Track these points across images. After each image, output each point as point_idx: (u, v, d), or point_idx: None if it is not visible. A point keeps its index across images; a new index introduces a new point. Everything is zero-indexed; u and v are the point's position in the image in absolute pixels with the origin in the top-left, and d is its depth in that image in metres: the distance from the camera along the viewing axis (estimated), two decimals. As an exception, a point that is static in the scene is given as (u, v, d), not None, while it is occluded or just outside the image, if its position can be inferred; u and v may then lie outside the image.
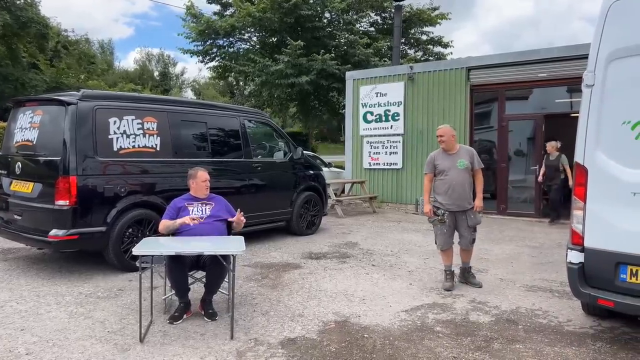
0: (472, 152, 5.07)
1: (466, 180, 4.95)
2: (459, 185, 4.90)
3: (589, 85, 3.63)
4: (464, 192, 4.92)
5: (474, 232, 5.05)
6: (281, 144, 8.02)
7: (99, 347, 3.45)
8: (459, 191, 4.90)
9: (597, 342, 3.67)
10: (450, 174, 4.93)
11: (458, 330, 3.89)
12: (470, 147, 5.22)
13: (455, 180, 4.91)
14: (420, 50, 24.23)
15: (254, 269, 5.71)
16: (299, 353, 3.41)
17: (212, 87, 49.42)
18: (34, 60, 25.29)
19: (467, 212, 4.94)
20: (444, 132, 5.00)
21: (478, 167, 5.01)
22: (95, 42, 46.74)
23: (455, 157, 4.97)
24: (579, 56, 8.91)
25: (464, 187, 4.92)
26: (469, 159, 4.96)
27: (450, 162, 4.97)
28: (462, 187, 4.91)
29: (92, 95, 5.50)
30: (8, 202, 5.62)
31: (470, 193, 4.97)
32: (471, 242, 5.05)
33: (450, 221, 4.98)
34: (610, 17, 3.52)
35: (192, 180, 4.41)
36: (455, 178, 4.91)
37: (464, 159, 4.95)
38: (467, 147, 5.22)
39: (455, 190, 4.90)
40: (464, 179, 4.93)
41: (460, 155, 4.99)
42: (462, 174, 4.92)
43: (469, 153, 5.04)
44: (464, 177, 4.94)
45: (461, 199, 4.92)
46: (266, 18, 17.96)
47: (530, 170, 10.36)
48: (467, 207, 4.94)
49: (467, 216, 4.95)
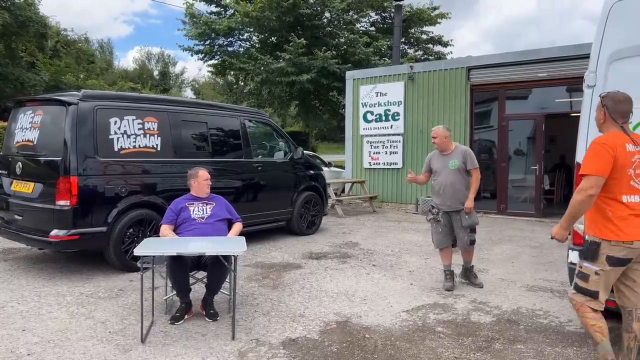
0: (466, 152, 5.02)
1: (457, 180, 4.96)
2: (449, 186, 4.94)
3: (590, 85, 3.63)
4: (454, 192, 4.93)
5: (471, 233, 4.98)
6: (281, 143, 8.02)
7: (100, 347, 3.45)
8: (449, 191, 4.94)
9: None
10: (442, 174, 5.00)
11: (459, 330, 3.89)
12: (465, 147, 5.16)
13: (446, 181, 4.96)
14: (420, 49, 24.22)
15: (255, 269, 5.72)
16: (300, 353, 3.41)
17: (212, 87, 49.40)
18: (32, 60, 25.27)
19: (461, 213, 4.94)
20: (437, 133, 5.05)
21: (471, 167, 4.97)
22: (95, 42, 46.78)
23: (448, 158, 5.02)
24: (579, 56, 8.92)
25: (454, 188, 4.94)
26: (461, 159, 4.96)
27: (443, 162, 5.04)
28: (453, 187, 4.94)
29: (92, 95, 5.49)
30: (9, 202, 5.62)
31: (463, 193, 4.95)
32: (468, 244, 4.99)
33: (445, 221, 5.02)
34: (611, 18, 3.53)
35: (193, 179, 4.41)
36: (446, 178, 4.97)
37: (456, 159, 4.97)
38: (463, 147, 5.16)
39: (446, 190, 4.95)
40: (455, 179, 4.95)
41: (453, 156, 5.01)
42: (452, 174, 4.96)
43: (462, 153, 5.01)
44: (455, 177, 4.96)
45: (452, 200, 4.94)
46: (264, 17, 17.92)
47: (530, 170, 10.37)
48: (459, 207, 4.93)
49: (461, 217, 4.94)
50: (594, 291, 2.89)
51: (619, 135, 2.85)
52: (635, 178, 2.82)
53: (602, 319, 2.92)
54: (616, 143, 2.80)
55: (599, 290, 2.88)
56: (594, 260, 2.88)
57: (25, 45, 24.62)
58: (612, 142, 2.80)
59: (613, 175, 2.80)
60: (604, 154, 2.78)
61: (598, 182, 2.78)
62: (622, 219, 2.81)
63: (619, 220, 2.81)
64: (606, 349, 2.91)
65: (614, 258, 2.82)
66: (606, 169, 2.77)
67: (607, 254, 2.83)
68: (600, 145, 2.81)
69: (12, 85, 21.61)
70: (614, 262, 2.83)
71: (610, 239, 2.82)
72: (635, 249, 2.79)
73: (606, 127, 2.96)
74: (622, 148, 2.80)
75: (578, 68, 8.75)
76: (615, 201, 2.83)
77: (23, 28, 21.39)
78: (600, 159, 2.78)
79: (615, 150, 2.78)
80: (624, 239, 2.79)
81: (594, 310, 2.90)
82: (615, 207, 2.83)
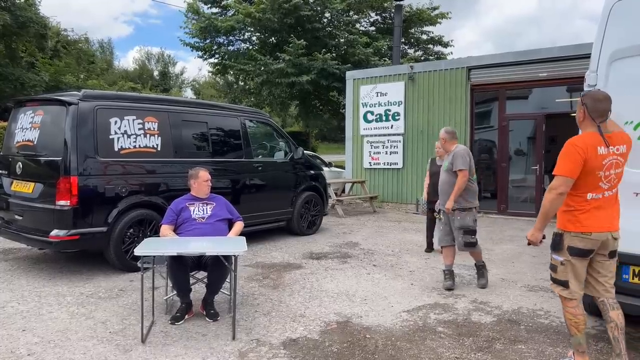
0: (455, 154, 4.99)
1: (447, 180, 5.05)
2: (440, 185, 5.19)
3: (591, 85, 3.62)
4: (443, 192, 5.11)
5: (465, 235, 4.92)
6: (282, 143, 8.02)
7: (100, 347, 3.45)
8: (440, 190, 5.17)
9: (599, 343, 3.67)
10: (441, 173, 5.24)
11: (460, 330, 3.89)
12: (458, 149, 5.05)
13: (440, 180, 5.23)
14: (420, 49, 24.21)
15: (255, 269, 5.71)
16: (301, 354, 3.41)
17: (212, 87, 49.40)
18: (33, 60, 25.26)
19: (454, 213, 4.99)
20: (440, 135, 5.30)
21: (455, 169, 4.96)
22: (95, 42, 46.80)
23: (446, 158, 5.19)
24: (579, 56, 8.93)
25: (443, 188, 5.12)
26: (450, 160, 5.03)
27: (443, 162, 5.32)
28: (442, 187, 5.13)
29: (93, 95, 5.49)
30: (9, 203, 5.61)
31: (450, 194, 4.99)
32: (463, 245, 4.95)
33: (445, 219, 5.15)
34: (612, 17, 3.52)
35: (194, 180, 4.41)
36: (440, 178, 5.22)
37: (448, 160, 5.09)
38: (458, 148, 5.09)
39: (440, 189, 5.20)
40: (445, 179, 5.10)
41: (448, 157, 5.12)
42: (444, 174, 5.15)
43: (453, 155, 5.03)
44: (445, 177, 5.10)
45: (442, 199, 5.15)
46: (266, 18, 17.93)
47: (530, 170, 10.36)
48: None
49: (455, 217, 5.00)
50: (564, 280, 3.02)
51: (593, 137, 2.92)
52: (604, 179, 2.92)
53: (581, 315, 3.02)
54: (587, 145, 2.87)
55: (568, 279, 3.01)
56: (559, 250, 3.03)
57: (26, 45, 24.61)
58: (584, 144, 2.87)
59: (583, 175, 2.89)
60: (575, 155, 2.87)
61: (567, 182, 2.90)
62: (583, 211, 2.94)
63: (580, 213, 2.94)
64: (578, 342, 3.05)
65: (575, 249, 2.96)
66: (575, 170, 2.87)
67: (569, 244, 2.97)
68: (573, 147, 2.89)
69: (12, 85, 21.60)
70: (575, 252, 2.97)
71: (570, 230, 2.96)
72: (595, 240, 2.93)
73: (584, 125, 3.03)
74: (593, 150, 2.87)
75: (578, 68, 8.75)
76: (580, 197, 2.95)
77: (23, 28, 21.39)
78: (570, 160, 2.88)
79: (586, 153, 2.85)
80: (582, 230, 2.93)
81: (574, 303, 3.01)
82: (578, 202, 2.95)
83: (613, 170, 2.92)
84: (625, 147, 2.98)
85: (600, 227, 2.93)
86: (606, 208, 2.96)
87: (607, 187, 2.94)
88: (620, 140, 2.97)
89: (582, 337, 3.04)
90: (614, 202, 3.02)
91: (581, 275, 3.03)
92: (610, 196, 2.98)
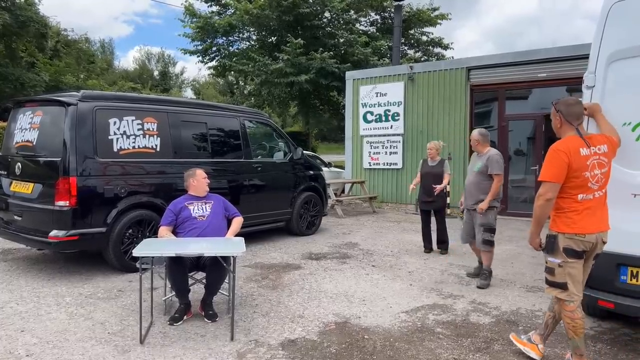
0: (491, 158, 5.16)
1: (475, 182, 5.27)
2: (468, 185, 5.37)
3: (590, 86, 3.62)
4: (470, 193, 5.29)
5: (484, 233, 5.17)
6: (281, 144, 8.02)
7: (99, 348, 3.45)
8: (469, 191, 5.34)
9: (597, 344, 3.68)
10: (469, 174, 5.41)
11: (458, 331, 3.89)
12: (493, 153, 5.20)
13: (469, 181, 5.38)
14: (420, 50, 24.20)
15: (254, 270, 5.71)
16: (299, 354, 3.41)
17: (212, 86, 49.41)
18: (32, 60, 25.26)
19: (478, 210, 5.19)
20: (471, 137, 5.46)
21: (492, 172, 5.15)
22: (97, 42, 46.81)
23: (477, 161, 5.33)
24: (578, 56, 8.92)
25: (470, 188, 5.31)
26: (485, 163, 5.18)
27: (473, 163, 5.44)
28: (469, 187, 5.33)
29: (92, 96, 5.49)
30: (8, 203, 5.61)
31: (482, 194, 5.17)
32: (482, 242, 5.19)
33: (467, 218, 5.43)
34: (611, 18, 3.52)
35: (192, 178, 4.41)
36: (469, 179, 5.37)
37: (481, 162, 5.24)
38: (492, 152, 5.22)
39: (468, 189, 5.37)
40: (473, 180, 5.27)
41: (481, 159, 5.25)
42: (474, 175, 5.28)
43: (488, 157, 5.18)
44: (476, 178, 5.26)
45: (469, 198, 5.32)
46: (264, 16, 17.92)
47: (530, 170, 10.36)
48: (475, 206, 5.23)
49: (478, 214, 5.18)
50: (562, 282, 3.03)
51: (574, 140, 2.98)
52: (592, 179, 2.96)
53: (579, 319, 3.02)
54: (570, 148, 2.93)
55: (567, 281, 3.01)
56: (554, 253, 3.04)
57: (25, 45, 24.62)
58: (566, 148, 2.93)
59: (570, 179, 2.93)
60: (558, 160, 2.92)
61: (553, 187, 2.95)
62: (576, 213, 2.97)
63: (574, 214, 2.97)
64: (576, 345, 3.06)
65: (570, 250, 2.98)
66: (561, 175, 2.92)
67: (564, 246, 2.99)
68: (555, 152, 2.95)
69: (12, 85, 21.61)
70: (571, 254, 2.98)
71: (564, 231, 2.99)
72: (588, 242, 2.96)
73: (563, 131, 3.10)
74: (576, 152, 2.92)
75: (578, 68, 8.74)
76: (571, 199, 2.98)
77: (23, 28, 21.40)
78: (555, 165, 2.93)
79: (570, 156, 2.90)
80: (577, 232, 2.95)
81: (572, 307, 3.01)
82: (570, 204, 2.98)
83: (598, 170, 2.96)
84: (606, 146, 3.03)
85: (592, 229, 2.96)
86: (597, 209, 3.00)
87: (596, 187, 2.98)
88: (600, 140, 3.04)
89: (581, 341, 3.04)
90: (603, 203, 3.06)
91: (579, 277, 3.03)
92: (600, 197, 3.02)
